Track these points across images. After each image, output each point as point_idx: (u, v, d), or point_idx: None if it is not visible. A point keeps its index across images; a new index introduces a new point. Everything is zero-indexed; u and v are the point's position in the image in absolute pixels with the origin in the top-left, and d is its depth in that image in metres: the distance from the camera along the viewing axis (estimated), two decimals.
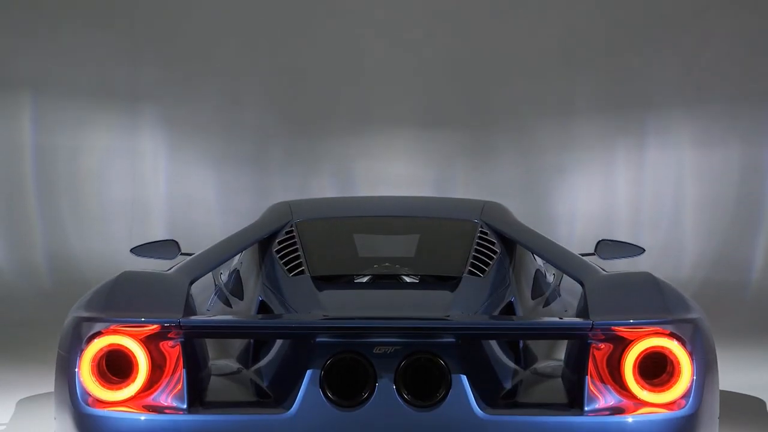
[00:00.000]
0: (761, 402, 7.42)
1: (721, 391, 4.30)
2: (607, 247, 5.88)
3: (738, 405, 7.32)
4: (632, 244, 5.94)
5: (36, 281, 10.88)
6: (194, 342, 4.07)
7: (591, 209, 11.48)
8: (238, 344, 4.53)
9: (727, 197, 11.49)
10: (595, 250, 5.88)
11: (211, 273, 5.86)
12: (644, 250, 5.89)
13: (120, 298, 4.13)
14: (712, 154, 11.54)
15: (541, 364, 4.41)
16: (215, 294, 5.31)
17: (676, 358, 3.90)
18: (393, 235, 5.19)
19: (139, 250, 5.82)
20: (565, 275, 5.71)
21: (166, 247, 5.83)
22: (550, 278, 5.49)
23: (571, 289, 5.02)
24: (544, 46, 11.65)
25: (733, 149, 11.52)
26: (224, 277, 5.52)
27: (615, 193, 11.59)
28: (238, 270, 5.32)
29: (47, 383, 7.37)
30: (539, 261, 5.52)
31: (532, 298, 5.03)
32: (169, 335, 3.89)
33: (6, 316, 10.05)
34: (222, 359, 4.42)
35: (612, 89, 11.62)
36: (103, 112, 11.58)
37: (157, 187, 11.57)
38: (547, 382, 4.27)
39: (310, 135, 11.64)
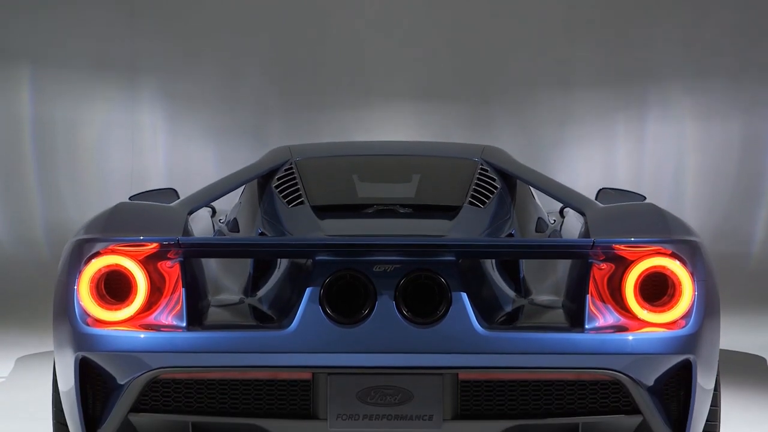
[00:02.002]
0: (761, 359, 7.46)
1: (723, 350, 4.29)
2: (608, 196, 5.86)
3: (739, 360, 7.36)
4: (633, 192, 5.92)
5: (35, 253, 10.88)
6: (194, 266, 4.05)
7: (591, 182, 11.42)
8: (237, 280, 4.51)
9: (728, 170, 11.47)
10: (596, 199, 5.86)
11: (210, 221, 5.86)
12: (645, 197, 5.87)
13: (118, 222, 4.12)
14: (712, 126, 11.53)
15: (541, 296, 4.39)
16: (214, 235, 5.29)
17: (677, 278, 3.87)
18: (393, 172, 5.16)
19: (137, 198, 5.80)
20: (567, 223, 5.71)
21: (165, 195, 5.80)
22: (551, 222, 5.47)
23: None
24: (543, 19, 11.63)
25: (733, 122, 11.50)
26: (223, 222, 5.51)
27: (615, 167, 11.57)
28: (236, 217, 5.31)
29: (46, 344, 7.40)
30: (541, 208, 5.51)
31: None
32: (168, 255, 3.86)
33: (6, 287, 10.06)
34: (222, 294, 4.40)
35: (612, 62, 11.60)
36: (102, 84, 11.56)
37: (156, 160, 11.55)
38: (547, 308, 4.25)
39: (310, 108, 11.62)
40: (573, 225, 5.29)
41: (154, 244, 3.85)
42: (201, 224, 5.27)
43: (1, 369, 7.08)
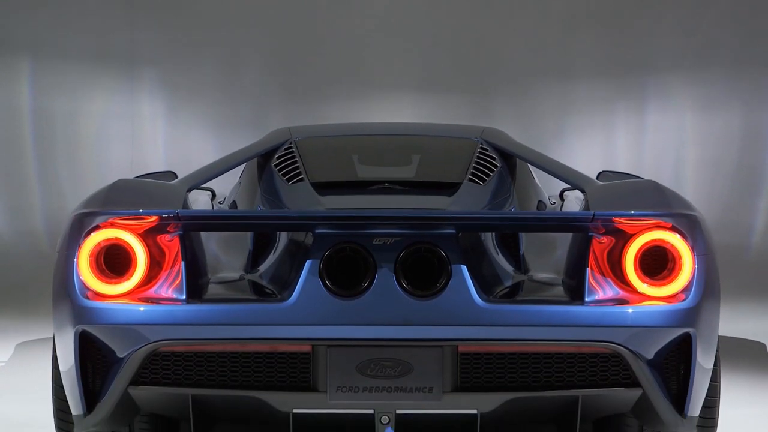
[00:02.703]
0: (761, 345, 7.47)
1: (723, 337, 4.29)
2: (608, 178, 5.87)
3: (740, 346, 7.37)
4: (634, 175, 5.93)
5: (34, 244, 10.86)
6: (193, 241, 4.04)
7: (591, 174, 11.42)
8: (236, 257, 4.51)
9: (728, 161, 11.45)
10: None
11: (210, 203, 5.86)
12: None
13: (117, 197, 4.13)
14: (712, 118, 11.51)
15: (540, 273, 4.39)
16: None
17: (677, 251, 3.86)
18: (393, 152, 5.16)
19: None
20: (567, 206, 5.72)
21: (164, 177, 5.81)
22: (551, 204, 5.48)
23: None
24: (544, 10, 11.62)
25: (733, 113, 11.48)
26: (223, 204, 5.52)
27: (615, 158, 11.55)
28: (235, 198, 5.31)
29: (45, 331, 7.40)
30: (542, 190, 5.51)
31: None
32: (167, 228, 3.86)
33: (5, 277, 10.06)
34: (222, 272, 4.40)
35: (612, 53, 11.58)
36: (102, 75, 11.54)
37: (156, 151, 11.54)
38: (546, 284, 4.25)
39: (310, 99, 11.61)
40: (573, 208, 5.30)
41: (154, 218, 3.85)
42: (201, 207, 5.28)
43: (1, 354, 7.09)
